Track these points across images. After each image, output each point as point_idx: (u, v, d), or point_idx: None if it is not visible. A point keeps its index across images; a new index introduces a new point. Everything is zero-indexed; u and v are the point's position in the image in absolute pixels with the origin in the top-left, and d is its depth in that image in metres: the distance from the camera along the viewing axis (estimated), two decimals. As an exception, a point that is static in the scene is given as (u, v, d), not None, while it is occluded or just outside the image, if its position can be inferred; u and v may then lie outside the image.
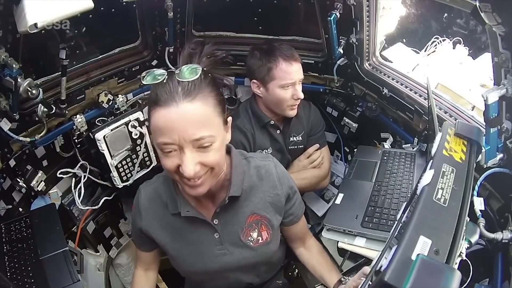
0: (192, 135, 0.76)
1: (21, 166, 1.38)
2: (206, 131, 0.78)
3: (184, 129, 0.75)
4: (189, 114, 0.76)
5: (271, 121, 1.52)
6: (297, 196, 1.10)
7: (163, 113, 0.76)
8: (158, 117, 0.77)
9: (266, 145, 1.53)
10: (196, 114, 0.77)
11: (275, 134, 1.54)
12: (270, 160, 1.05)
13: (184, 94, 0.76)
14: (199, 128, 0.77)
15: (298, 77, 1.44)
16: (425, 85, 1.35)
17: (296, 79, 1.44)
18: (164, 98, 0.76)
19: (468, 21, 2.55)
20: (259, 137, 1.51)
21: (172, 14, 1.52)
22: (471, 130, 0.92)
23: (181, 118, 0.75)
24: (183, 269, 1.06)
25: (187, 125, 0.76)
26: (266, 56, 1.44)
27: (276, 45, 1.46)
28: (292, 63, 1.43)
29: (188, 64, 0.81)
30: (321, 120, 1.66)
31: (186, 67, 0.80)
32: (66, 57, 1.24)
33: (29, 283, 1.13)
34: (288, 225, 1.12)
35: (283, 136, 1.56)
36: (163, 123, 0.77)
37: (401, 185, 1.27)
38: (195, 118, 0.77)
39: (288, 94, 1.44)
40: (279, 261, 1.28)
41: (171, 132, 0.76)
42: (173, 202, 0.98)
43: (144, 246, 1.10)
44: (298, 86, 1.46)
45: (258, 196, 1.01)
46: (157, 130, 0.78)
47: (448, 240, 0.64)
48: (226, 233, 1.01)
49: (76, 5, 1.03)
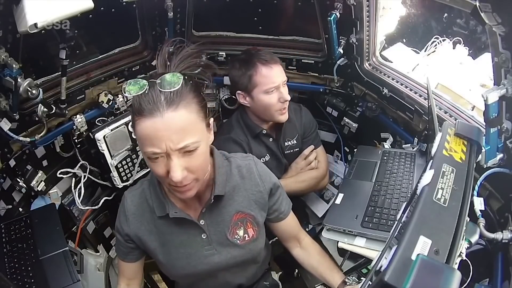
0: (178, 144, 0.78)
1: (21, 166, 1.38)
2: (191, 137, 0.79)
3: (170, 139, 0.77)
4: (174, 123, 0.77)
5: (263, 131, 1.51)
6: (281, 192, 1.10)
7: (149, 124, 0.77)
8: (143, 128, 0.78)
9: (263, 153, 1.53)
10: (181, 122, 0.78)
11: (268, 143, 1.54)
12: (250, 159, 1.07)
13: (168, 103, 0.77)
14: (184, 135, 0.78)
15: (280, 79, 1.42)
16: (425, 85, 1.35)
17: (279, 82, 1.42)
18: (148, 108, 0.77)
19: (468, 21, 2.55)
20: (255, 147, 1.51)
21: (172, 14, 1.52)
22: (471, 130, 0.93)
23: (167, 128, 0.77)
24: (173, 273, 1.06)
25: (172, 134, 0.77)
26: (245, 65, 1.43)
27: (254, 52, 1.45)
28: (272, 67, 1.41)
29: (168, 73, 0.82)
30: (313, 121, 1.65)
31: (166, 76, 0.80)
32: (66, 57, 1.24)
33: (29, 283, 1.13)
34: (276, 221, 1.12)
35: (277, 143, 1.55)
36: (150, 134, 0.78)
37: (401, 185, 1.26)
38: (180, 126, 0.78)
39: (274, 98, 1.43)
40: (266, 261, 1.29)
41: (158, 141, 0.77)
42: (160, 205, 0.98)
43: (129, 255, 1.07)
44: (282, 88, 1.43)
45: (241, 194, 1.03)
46: (144, 140, 0.79)
47: (448, 240, 0.64)
48: (213, 233, 1.01)
49: (76, 5, 1.03)
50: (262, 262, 1.24)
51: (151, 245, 1.02)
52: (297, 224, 1.19)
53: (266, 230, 1.14)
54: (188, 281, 1.14)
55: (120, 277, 1.13)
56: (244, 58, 1.46)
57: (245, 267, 1.13)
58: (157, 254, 1.03)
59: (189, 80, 0.84)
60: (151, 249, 1.03)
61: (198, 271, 1.03)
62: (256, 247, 1.08)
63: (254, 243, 1.06)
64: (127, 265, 1.09)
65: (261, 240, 1.09)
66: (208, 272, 1.05)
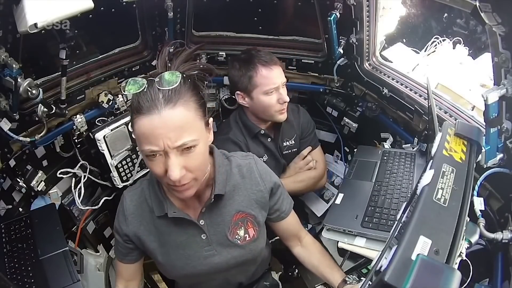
0: (176, 141, 0.78)
1: (21, 166, 1.38)
2: (189, 136, 0.79)
3: (167, 136, 0.77)
4: (172, 121, 0.77)
5: (261, 131, 1.51)
6: (282, 191, 1.10)
7: (147, 121, 0.77)
8: (141, 125, 0.78)
9: (261, 153, 1.52)
10: (179, 120, 0.78)
11: (266, 143, 1.54)
12: (250, 158, 1.06)
13: (166, 101, 0.77)
14: (182, 134, 0.78)
15: (280, 81, 1.43)
16: (425, 85, 1.35)
17: (279, 83, 1.43)
18: (146, 106, 0.77)
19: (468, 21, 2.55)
20: (253, 147, 1.51)
21: (172, 14, 1.53)
22: (471, 130, 0.92)
23: (164, 126, 0.77)
24: (172, 273, 1.06)
25: (170, 132, 0.77)
26: (245, 65, 1.44)
27: (254, 52, 1.46)
28: (272, 68, 1.42)
29: (167, 71, 0.82)
30: (311, 122, 1.66)
31: (165, 75, 0.80)
32: (66, 57, 1.24)
33: (29, 283, 1.13)
34: (277, 221, 1.12)
35: (275, 143, 1.56)
36: (147, 131, 0.78)
37: (401, 185, 1.26)
38: (177, 124, 0.78)
39: (273, 99, 1.43)
40: (266, 261, 1.29)
41: (156, 139, 0.77)
42: (159, 205, 0.97)
43: (128, 256, 1.06)
44: (282, 89, 1.44)
45: (242, 194, 1.02)
46: (142, 138, 0.79)
47: (448, 240, 0.64)
48: (213, 233, 1.01)
49: (76, 5, 1.03)
50: (262, 262, 1.24)
51: (151, 246, 1.01)
52: (298, 222, 1.19)
53: (267, 229, 1.13)
54: (188, 282, 1.14)
55: (118, 278, 1.12)
56: (244, 58, 1.46)
57: (245, 267, 1.12)
58: (157, 254, 1.02)
59: (188, 78, 0.84)
60: (150, 250, 1.02)
61: (198, 271, 1.03)
62: (257, 247, 1.07)
63: (254, 243, 1.06)
64: (126, 266, 1.09)
65: (261, 240, 1.09)
66: (208, 273, 1.04)
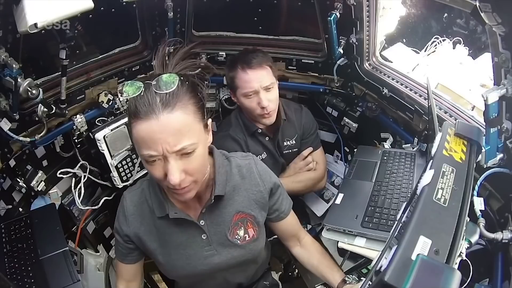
0: (175, 146, 0.77)
1: (21, 166, 1.38)
2: (188, 140, 0.78)
3: (166, 141, 0.76)
4: (170, 125, 0.76)
5: (258, 130, 1.51)
6: (281, 191, 1.10)
7: (145, 126, 0.76)
8: (140, 130, 0.77)
9: (260, 151, 1.52)
10: (177, 124, 0.77)
11: (264, 142, 1.54)
12: (250, 158, 1.06)
13: (163, 105, 0.76)
14: (181, 138, 0.77)
15: (258, 85, 1.38)
16: (425, 85, 1.35)
17: (256, 87, 1.38)
18: (143, 110, 0.76)
19: (468, 21, 2.56)
20: (252, 145, 1.51)
21: (172, 14, 1.53)
22: (471, 130, 0.93)
23: (163, 130, 0.76)
24: (173, 273, 1.06)
25: (169, 137, 0.76)
26: (230, 66, 1.44)
27: (241, 53, 1.45)
28: (248, 72, 1.38)
29: (164, 74, 0.81)
30: (314, 123, 1.65)
31: (162, 77, 0.79)
32: (66, 57, 1.24)
33: (29, 283, 1.13)
34: (276, 221, 1.12)
35: (273, 142, 1.55)
36: (146, 136, 0.77)
37: (401, 185, 1.26)
38: (176, 128, 0.77)
39: (253, 103, 1.41)
40: (266, 261, 1.29)
41: (155, 144, 0.76)
42: (160, 206, 0.97)
43: (128, 257, 1.06)
44: (262, 94, 1.39)
45: (241, 194, 1.02)
46: (140, 143, 0.79)
47: (448, 240, 0.64)
48: (214, 233, 1.01)
49: (76, 5, 1.03)
50: (262, 262, 1.24)
51: (151, 246, 1.01)
52: (297, 222, 1.19)
53: (266, 229, 1.14)
54: (188, 282, 1.14)
55: (119, 279, 1.12)
56: (231, 58, 1.47)
57: (245, 267, 1.12)
58: (157, 254, 1.02)
59: (185, 80, 0.83)
60: (151, 250, 1.02)
61: (198, 271, 1.03)
62: (257, 247, 1.07)
63: (254, 243, 1.06)
64: (126, 267, 1.09)
65: (261, 240, 1.09)
66: (208, 273, 1.04)
